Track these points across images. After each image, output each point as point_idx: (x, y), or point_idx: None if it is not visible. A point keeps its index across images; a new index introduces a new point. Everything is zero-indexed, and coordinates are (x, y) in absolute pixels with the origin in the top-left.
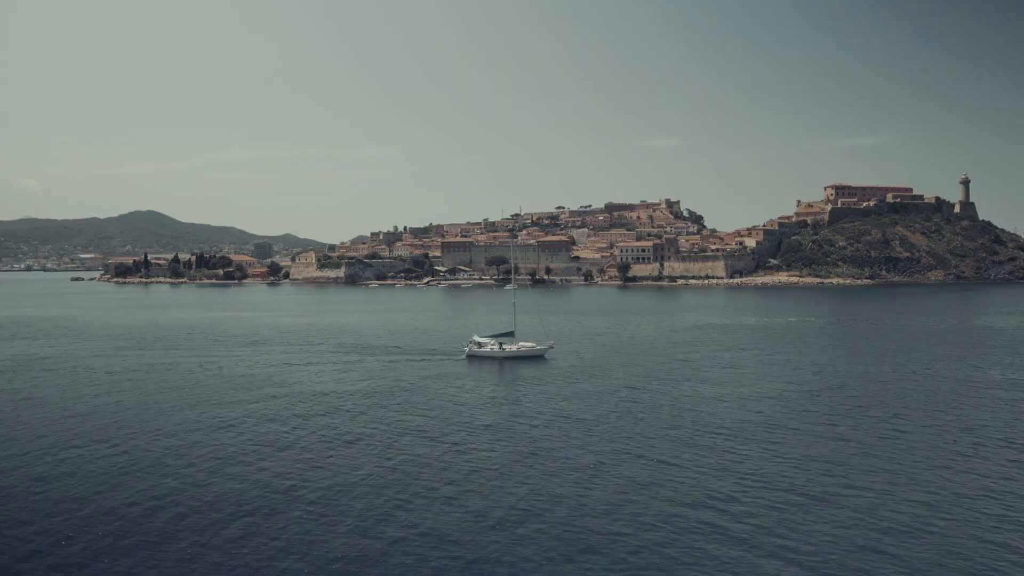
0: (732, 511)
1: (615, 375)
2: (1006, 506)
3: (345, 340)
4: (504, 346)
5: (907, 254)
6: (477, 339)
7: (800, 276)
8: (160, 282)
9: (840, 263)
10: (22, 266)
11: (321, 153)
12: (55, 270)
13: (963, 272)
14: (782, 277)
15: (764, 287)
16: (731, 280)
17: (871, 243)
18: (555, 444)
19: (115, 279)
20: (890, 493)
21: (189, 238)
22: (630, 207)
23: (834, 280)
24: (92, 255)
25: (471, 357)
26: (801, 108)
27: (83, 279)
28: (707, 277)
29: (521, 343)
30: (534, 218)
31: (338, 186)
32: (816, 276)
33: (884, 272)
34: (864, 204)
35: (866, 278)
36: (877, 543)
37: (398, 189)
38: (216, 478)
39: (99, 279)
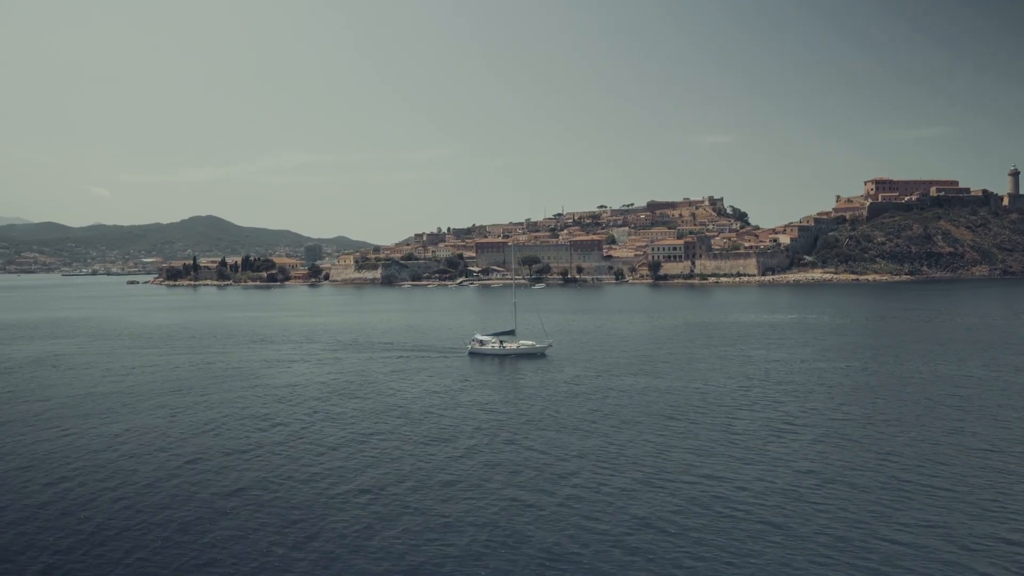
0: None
1: (610, 372)
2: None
3: (356, 339)
4: (505, 344)
5: (949, 249)
6: (479, 337)
7: (835, 273)
8: (207, 284)
9: (878, 259)
10: (89, 270)
11: (372, 157)
12: (119, 274)
13: (1010, 267)
14: (816, 274)
15: (796, 284)
16: (763, 277)
17: (911, 238)
18: (546, 439)
19: (167, 282)
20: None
21: (246, 242)
22: (672, 205)
23: (870, 276)
24: (154, 259)
25: (472, 354)
26: (852, 104)
27: (138, 282)
28: (738, 275)
29: (521, 341)
30: (576, 217)
31: (389, 189)
32: (852, 273)
33: (925, 268)
34: (906, 198)
35: (905, 274)
36: None
37: (447, 190)
38: (143, 470)
39: (153, 282)
